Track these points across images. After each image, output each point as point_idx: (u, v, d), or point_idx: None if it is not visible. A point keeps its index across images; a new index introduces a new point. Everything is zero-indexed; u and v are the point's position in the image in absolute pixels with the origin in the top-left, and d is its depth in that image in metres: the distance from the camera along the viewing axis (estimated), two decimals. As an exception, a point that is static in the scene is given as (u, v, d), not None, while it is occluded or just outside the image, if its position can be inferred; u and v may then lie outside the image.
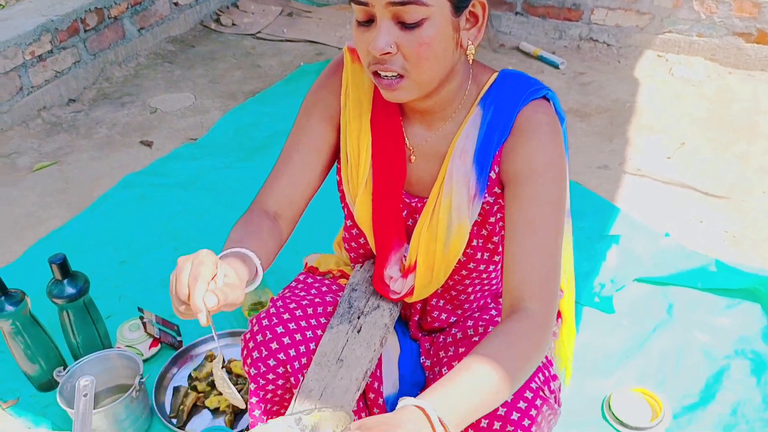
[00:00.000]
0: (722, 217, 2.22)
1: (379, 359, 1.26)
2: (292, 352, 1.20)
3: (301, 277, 1.37)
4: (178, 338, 1.83)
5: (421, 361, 1.31)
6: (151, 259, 2.18)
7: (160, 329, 1.82)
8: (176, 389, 1.71)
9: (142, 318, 1.83)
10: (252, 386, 1.24)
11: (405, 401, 0.86)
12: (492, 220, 1.16)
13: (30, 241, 2.29)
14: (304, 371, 1.20)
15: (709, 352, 1.73)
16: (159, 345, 1.85)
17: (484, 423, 1.03)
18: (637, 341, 1.77)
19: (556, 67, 3.29)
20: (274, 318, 1.22)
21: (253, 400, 1.24)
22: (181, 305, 0.90)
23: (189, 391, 1.69)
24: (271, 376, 1.21)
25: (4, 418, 1.70)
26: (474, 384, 0.92)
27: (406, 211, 1.21)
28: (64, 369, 1.62)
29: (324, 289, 1.33)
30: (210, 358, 1.77)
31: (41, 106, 3.04)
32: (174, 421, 1.65)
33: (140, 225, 2.33)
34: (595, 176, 2.45)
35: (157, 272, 2.12)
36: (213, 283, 0.89)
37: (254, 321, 1.23)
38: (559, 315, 1.38)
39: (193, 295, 0.86)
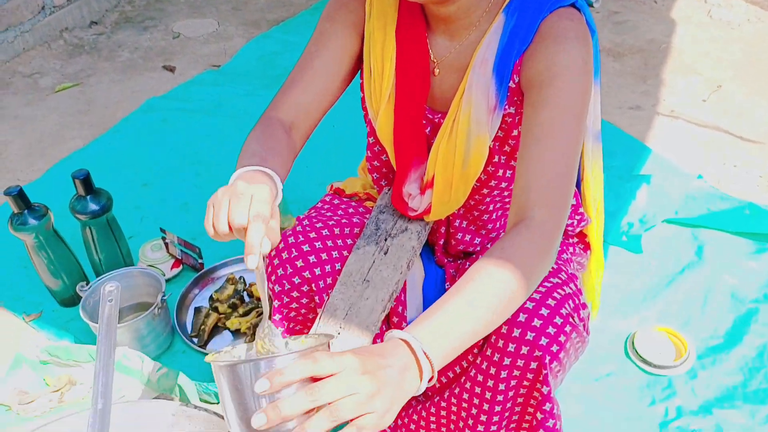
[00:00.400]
0: (757, 161, 2.15)
1: (404, 284, 1.24)
2: (317, 271, 1.18)
3: (327, 198, 1.35)
4: (200, 260, 1.83)
5: (446, 287, 1.29)
6: (172, 182, 2.17)
7: (181, 251, 1.82)
8: (197, 309, 1.72)
9: (164, 238, 1.83)
10: (276, 303, 1.22)
11: (391, 333, 0.82)
12: (514, 133, 1.10)
13: (52, 160, 2.28)
14: (329, 291, 1.19)
15: (737, 295, 1.69)
16: (180, 266, 1.84)
17: (511, 347, 1.01)
18: (663, 281, 1.74)
19: (590, 5, 3.17)
20: (300, 236, 1.20)
21: (276, 317, 1.23)
22: (224, 229, 0.85)
23: (210, 311, 1.70)
24: (295, 294, 1.20)
25: (27, 331, 1.72)
26: (467, 306, 0.86)
27: (429, 128, 1.17)
28: (87, 285, 1.62)
29: (350, 210, 1.30)
30: (231, 280, 1.76)
31: (63, 27, 2.99)
32: (195, 340, 1.66)
33: (162, 148, 2.31)
34: (626, 117, 2.38)
35: (179, 195, 2.11)
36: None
37: (280, 238, 1.21)
38: (588, 247, 1.35)
39: (251, 235, 0.82)
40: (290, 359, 0.75)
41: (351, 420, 0.74)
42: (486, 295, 0.87)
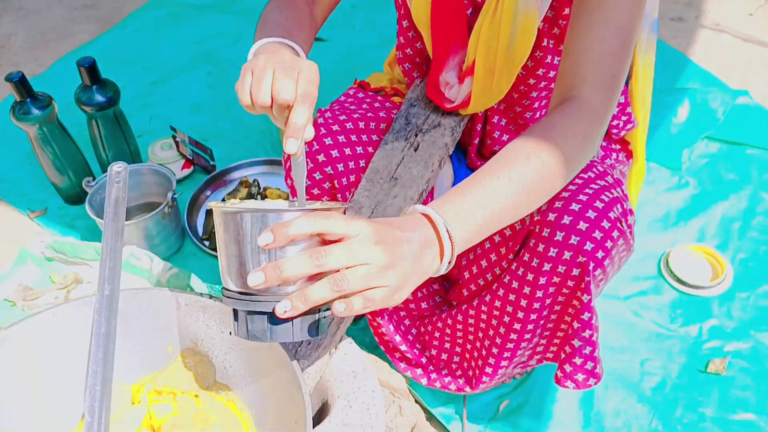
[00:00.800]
0: (805, 80, 2.02)
1: (432, 187, 1.15)
2: (340, 167, 1.09)
3: (351, 92, 1.24)
4: (212, 162, 1.74)
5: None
6: (183, 80, 2.06)
7: (193, 150, 1.72)
8: (209, 212, 1.64)
9: (174, 137, 1.73)
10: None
11: (413, 208, 0.75)
12: (566, 12, 0.98)
13: (57, 54, 2.17)
14: (352, 190, 1.10)
15: (780, 216, 1.60)
16: (191, 167, 1.75)
17: (552, 252, 0.92)
18: (702, 200, 1.64)
19: None
20: (322, 129, 1.10)
21: (296, 216, 1.15)
22: (265, 100, 0.75)
23: (222, 214, 1.61)
24: (315, 192, 1.11)
25: (32, 228, 1.65)
26: (499, 185, 0.77)
27: (471, 9, 1.04)
28: (94, 180, 1.54)
29: (377, 105, 1.20)
30: (245, 183, 1.67)
31: None
32: (206, 243, 1.59)
33: (172, 45, 2.19)
34: (667, 28, 2.23)
35: (189, 94, 2.01)
36: None
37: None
38: (630, 155, 1.25)
39: (296, 115, 0.73)
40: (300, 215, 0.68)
41: (358, 293, 0.66)
42: (520, 175, 0.78)
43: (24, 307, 1.41)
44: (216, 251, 1.54)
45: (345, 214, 0.74)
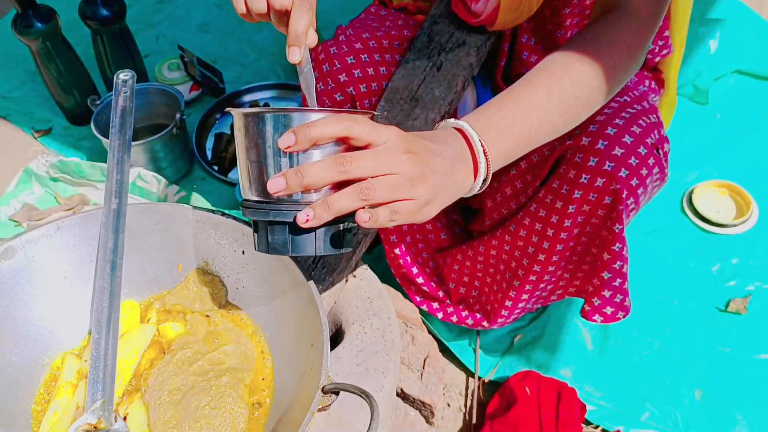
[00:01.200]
0: (842, 14, 1.92)
1: (455, 109, 1.09)
2: (362, 88, 1.03)
3: (373, 9, 1.17)
4: (221, 85, 1.67)
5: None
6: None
7: (201, 71, 1.66)
8: (218, 136, 1.58)
9: (182, 56, 1.66)
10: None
11: (446, 122, 0.70)
12: None
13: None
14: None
15: (809, 153, 1.54)
16: (200, 90, 1.69)
17: (584, 179, 0.87)
18: (729, 136, 1.58)
19: None
20: (344, 46, 1.03)
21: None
22: (261, 7, 0.69)
23: (232, 138, 1.56)
24: (336, 114, 1.05)
25: (36, 147, 1.60)
26: (538, 99, 0.72)
27: None
28: (99, 99, 1.48)
29: (400, 23, 1.13)
30: (255, 107, 1.61)
31: None
32: (215, 167, 1.54)
33: (180, -38, 2.09)
34: (699, -43, 2.12)
35: (197, 15, 1.93)
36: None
37: (320, 49, 1.05)
38: (661, 84, 1.19)
39: (295, 21, 0.66)
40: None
41: (384, 203, 0.62)
42: (560, 89, 0.73)
43: (29, 227, 1.38)
44: (225, 176, 1.50)
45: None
